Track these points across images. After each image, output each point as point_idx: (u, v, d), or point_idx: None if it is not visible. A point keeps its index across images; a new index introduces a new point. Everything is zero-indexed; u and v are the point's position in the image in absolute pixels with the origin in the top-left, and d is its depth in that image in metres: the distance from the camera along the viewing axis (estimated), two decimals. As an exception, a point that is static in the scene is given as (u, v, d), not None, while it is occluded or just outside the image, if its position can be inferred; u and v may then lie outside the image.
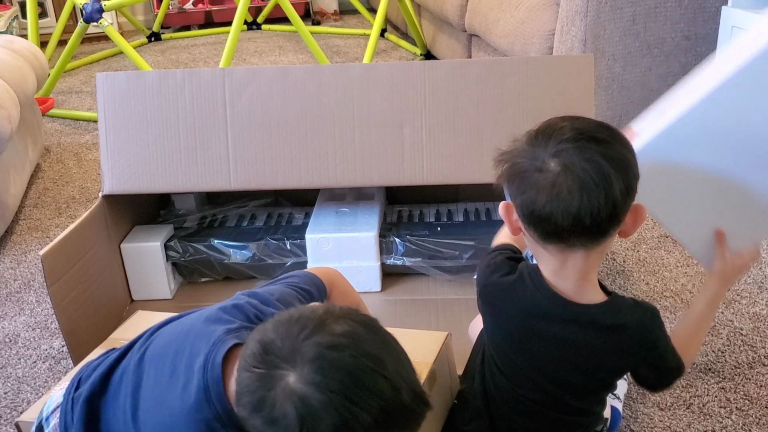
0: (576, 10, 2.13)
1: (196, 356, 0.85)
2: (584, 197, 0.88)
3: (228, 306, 0.92)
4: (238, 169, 1.55)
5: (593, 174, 0.88)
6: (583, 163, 0.89)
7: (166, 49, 4.17)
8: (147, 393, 0.89)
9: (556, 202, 0.89)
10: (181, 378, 0.85)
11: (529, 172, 0.92)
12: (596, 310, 0.99)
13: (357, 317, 0.74)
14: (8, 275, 1.86)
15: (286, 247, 1.66)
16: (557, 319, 0.99)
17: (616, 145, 0.92)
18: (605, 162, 0.89)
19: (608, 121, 2.43)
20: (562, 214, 0.89)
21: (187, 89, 1.54)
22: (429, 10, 3.48)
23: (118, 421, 0.92)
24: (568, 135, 0.91)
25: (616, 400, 1.28)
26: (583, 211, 0.89)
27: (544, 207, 0.90)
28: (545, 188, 0.90)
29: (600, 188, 0.88)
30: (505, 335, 1.05)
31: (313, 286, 1.06)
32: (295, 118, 1.54)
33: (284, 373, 0.69)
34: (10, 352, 1.56)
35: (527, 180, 0.92)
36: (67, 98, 3.30)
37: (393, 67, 1.53)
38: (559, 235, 0.93)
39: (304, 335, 0.70)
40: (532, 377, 1.05)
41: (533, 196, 0.91)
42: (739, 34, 2.02)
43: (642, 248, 1.83)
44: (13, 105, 1.97)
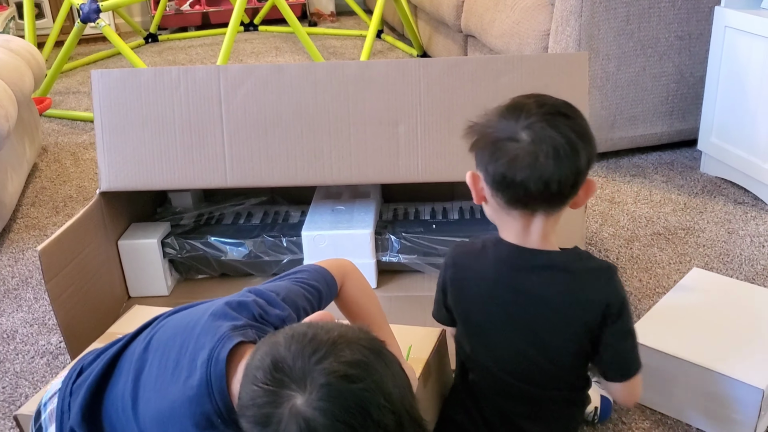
0: (570, 10, 2.14)
1: (200, 350, 0.85)
2: (557, 165, 0.98)
3: (234, 302, 0.92)
4: (234, 167, 1.56)
5: (565, 144, 0.98)
6: (554, 135, 0.98)
7: (163, 50, 4.18)
8: (149, 382, 0.90)
9: (530, 169, 0.98)
10: (184, 371, 0.86)
11: (502, 141, 1.00)
12: (561, 256, 1.07)
13: (369, 343, 0.74)
14: (6, 272, 1.87)
15: (282, 244, 1.68)
16: (524, 267, 1.05)
17: (580, 120, 1.03)
18: (573, 134, 0.99)
19: (602, 121, 2.46)
20: (535, 180, 0.98)
21: (183, 86, 1.55)
22: (425, 11, 3.49)
23: (116, 408, 0.92)
24: (536, 110, 1.00)
25: (605, 390, 1.30)
26: (554, 178, 0.98)
27: (518, 173, 0.98)
28: (521, 156, 0.98)
29: (569, 158, 0.98)
30: (477, 304, 1.10)
31: (322, 282, 1.05)
32: (290, 116, 1.55)
33: (293, 394, 0.69)
34: (8, 347, 1.57)
35: (501, 149, 1.00)
36: (64, 98, 3.31)
37: (388, 65, 1.54)
38: (525, 201, 1.02)
39: (316, 359, 0.71)
40: (507, 346, 1.08)
41: (507, 163, 0.99)
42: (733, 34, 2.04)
43: (635, 246, 1.85)
44: (10, 104, 1.98)
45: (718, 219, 1.97)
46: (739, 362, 1.23)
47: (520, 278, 1.06)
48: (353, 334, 0.75)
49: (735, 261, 1.76)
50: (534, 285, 1.05)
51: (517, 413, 1.12)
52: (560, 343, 1.07)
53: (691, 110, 2.35)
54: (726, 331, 1.32)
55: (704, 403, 1.25)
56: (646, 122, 2.33)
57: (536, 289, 1.05)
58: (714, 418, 1.25)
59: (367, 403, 0.69)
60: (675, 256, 1.79)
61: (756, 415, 1.19)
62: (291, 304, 0.95)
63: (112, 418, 0.93)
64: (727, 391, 1.21)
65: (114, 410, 0.93)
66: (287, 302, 0.95)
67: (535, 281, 1.05)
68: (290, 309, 0.94)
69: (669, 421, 1.29)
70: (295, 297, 0.97)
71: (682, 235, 1.89)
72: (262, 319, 0.90)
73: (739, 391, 1.20)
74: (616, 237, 1.89)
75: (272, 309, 0.92)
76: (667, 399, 1.29)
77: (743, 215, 1.98)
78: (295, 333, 0.75)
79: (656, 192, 2.14)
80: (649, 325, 1.34)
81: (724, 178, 2.18)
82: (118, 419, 0.92)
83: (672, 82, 2.30)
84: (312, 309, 0.99)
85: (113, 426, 0.93)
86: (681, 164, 2.32)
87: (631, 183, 2.20)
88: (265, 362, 0.73)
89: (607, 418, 1.28)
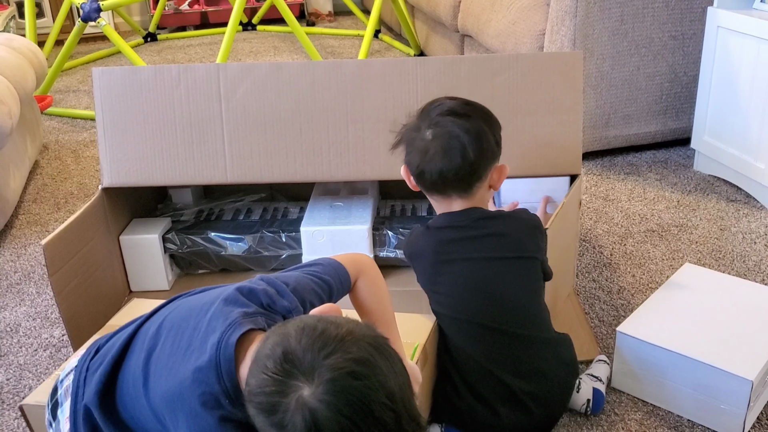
0: (566, 10, 2.17)
1: (212, 333, 0.88)
2: (445, 159, 1.19)
3: (245, 288, 0.95)
4: (234, 163, 1.58)
5: (451, 141, 1.19)
6: (446, 132, 1.19)
7: (162, 49, 4.20)
8: (161, 360, 0.93)
9: (426, 163, 1.21)
10: (195, 351, 0.89)
11: (412, 138, 1.24)
12: (493, 210, 1.34)
13: (374, 341, 0.78)
14: (8, 267, 1.89)
15: (281, 239, 1.70)
16: (467, 223, 1.25)
17: (475, 119, 1.22)
18: (462, 132, 1.19)
19: (597, 119, 2.48)
20: (431, 172, 1.21)
21: (183, 84, 1.57)
22: (422, 11, 3.52)
23: (128, 385, 0.95)
24: (440, 110, 1.22)
25: (598, 382, 1.32)
26: (446, 169, 1.20)
27: (418, 166, 1.22)
28: (420, 151, 1.22)
29: (456, 152, 1.19)
30: (434, 266, 1.26)
31: (335, 276, 1.07)
32: (289, 114, 1.57)
33: (300, 385, 0.73)
34: (12, 340, 1.60)
35: (410, 145, 1.24)
36: (65, 97, 3.33)
37: (385, 63, 1.57)
38: (436, 188, 1.25)
39: (324, 354, 0.74)
40: (469, 291, 1.23)
41: (412, 158, 1.23)
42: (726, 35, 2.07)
43: (629, 242, 1.88)
44: (13, 101, 2.01)
45: (711, 216, 2.00)
46: (729, 354, 1.26)
47: (463, 232, 1.25)
48: (360, 331, 0.78)
49: (727, 257, 1.79)
50: (479, 232, 1.24)
51: (495, 362, 1.21)
52: (514, 271, 1.25)
53: (685, 109, 2.38)
54: (717, 325, 1.35)
55: (695, 394, 1.28)
56: (641, 121, 2.37)
57: (482, 232, 1.24)
58: (704, 409, 1.27)
59: (369, 400, 0.73)
60: (668, 253, 1.82)
61: (745, 406, 1.22)
62: (299, 296, 0.98)
63: (124, 396, 0.96)
64: (717, 383, 1.24)
65: (126, 388, 0.96)
66: (295, 294, 0.97)
67: (479, 229, 1.24)
68: (297, 301, 0.96)
69: (660, 412, 1.32)
70: (303, 290, 1.00)
71: (675, 231, 1.92)
72: (269, 308, 0.93)
73: (729, 382, 1.23)
74: (610, 234, 1.92)
75: (280, 299, 0.95)
76: (659, 391, 1.32)
77: (735, 212, 2.01)
78: (306, 326, 0.78)
79: (650, 190, 2.17)
80: (642, 319, 1.37)
81: (717, 176, 2.21)
82: (129, 396, 0.95)
83: (666, 82, 2.33)
84: (320, 302, 1.01)
85: (124, 403, 0.96)
86: (674, 162, 2.35)
87: (625, 181, 2.23)
88: (276, 352, 0.76)
89: (599, 410, 1.31)
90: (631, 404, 1.34)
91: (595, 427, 1.29)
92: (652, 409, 1.33)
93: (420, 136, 1.22)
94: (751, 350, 1.27)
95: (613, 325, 1.53)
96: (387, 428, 0.74)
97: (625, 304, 1.62)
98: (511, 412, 1.20)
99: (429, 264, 1.27)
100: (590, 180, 2.24)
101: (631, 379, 1.35)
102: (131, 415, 0.95)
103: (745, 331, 1.33)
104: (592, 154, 2.39)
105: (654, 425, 1.29)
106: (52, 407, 1.04)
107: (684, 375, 1.28)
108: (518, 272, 1.25)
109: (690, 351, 1.27)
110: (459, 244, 1.25)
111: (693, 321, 1.36)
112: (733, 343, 1.29)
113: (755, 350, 1.27)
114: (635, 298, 1.64)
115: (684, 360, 1.27)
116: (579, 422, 1.30)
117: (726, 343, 1.30)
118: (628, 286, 1.69)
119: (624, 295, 1.65)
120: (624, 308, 1.60)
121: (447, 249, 1.25)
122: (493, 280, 1.23)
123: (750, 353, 1.26)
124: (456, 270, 1.24)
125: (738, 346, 1.28)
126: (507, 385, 1.20)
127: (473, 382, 1.21)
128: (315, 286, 1.02)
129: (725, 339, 1.30)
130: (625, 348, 1.34)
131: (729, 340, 1.30)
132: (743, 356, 1.25)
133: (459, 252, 1.24)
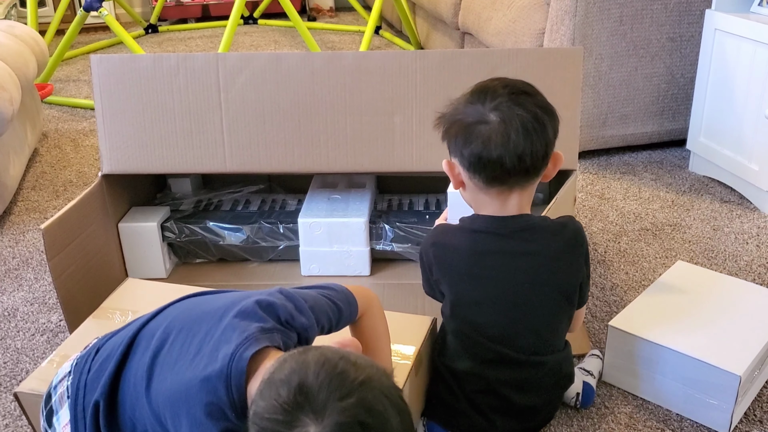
0: (565, 10, 2.19)
1: (225, 343, 0.87)
2: (528, 140, 1.07)
3: (264, 302, 0.93)
4: (233, 153, 1.60)
5: (532, 120, 1.07)
6: (521, 112, 1.07)
7: (163, 41, 4.21)
8: (168, 362, 0.92)
9: (504, 147, 1.07)
10: (205, 358, 0.88)
11: (473, 125, 1.09)
12: (537, 218, 1.17)
13: (389, 392, 0.76)
14: (7, 253, 1.90)
15: (279, 230, 1.72)
16: (506, 232, 1.15)
17: (541, 97, 1.11)
18: (539, 110, 1.08)
19: (594, 119, 2.50)
20: (510, 156, 1.07)
21: (182, 74, 1.57)
22: (423, 8, 3.53)
23: (129, 384, 0.94)
24: (501, 91, 1.09)
25: (589, 376, 1.34)
26: (527, 152, 1.07)
27: (493, 152, 1.07)
28: (493, 135, 1.07)
29: (538, 132, 1.08)
30: (461, 275, 1.16)
31: (346, 305, 1.05)
32: (288, 105, 1.58)
33: (308, 422, 0.71)
34: (9, 324, 1.61)
35: (473, 132, 1.08)
36: (65, 86, 3.34)
37: (385, 56, 1.58)
38: (502, 178, 1.10)
39: (339, 395, 0.72)
40: (492, 311, 1.16)
41: (482, 144, 1.08)
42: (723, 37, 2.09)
43: (623, 240, 1.90)
44: (15, 88, 2.02)
45: (705, 216, 2.02)
46: (719, 350, 1.28)
47: (501, 243, 1.15)
48: (378, 379, 0.76)
49: (719, 256, 1.81)
50: (518, 245, 1.14)
51: (501, 382, 1.17)
52: (542, 300, 1.15)
53: (681, 110, 2.39)
54: (707, 321, 1.36)
55: (684, 389, 1.29)
56: (637, 121, 2.38)
57: (520, 248, 1.14)
58: (693, 403, 1.29)
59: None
60: (661, 251, 1.84)
61: (733, 401, 1.24)
62: (315, 315, 0.97)
63: (125, 396, 0.95)
64: (706, 378, 1.26)
65: (127, 387, 0.95)
66: (314, 312, 0.97)
67: (519, 242, 1.14)
68: (314, 319, 0.96)
69: (650, 406, 1.34)
70: (319, 310, 0.99)
71: (669, 231, 1.94)
72: (287, 324, 0.92)
73: (717, 377, 1.24)
74: (605, 231, 1.94)
75: (299, 316, 0.94)
76: (649, 385, 1.34)
77: (729, 213, 2.03)
78: (326, 361, 0.76)
79: (645, 189, 2.18)
80: (634, 314, 1.39)
81: (712, 177, 2.23)
82: (130, 396, 0.94)
83: (663, 83, 2.34)
84: (330, 326, 1.01)
85: (124, 403, 0.95)
86: (670, 163, 2.37)
87: (621, 180, 2.25)
88: (292, 381, 0.74)
89: (589, 404, 1.32)
90: (621, 398, 1.36)
91: (585, 419, 1.30)
92: (642, 402, 1.35)
93: (481, 121, 1.08)
94: (739, 346, 1.29)
95: (605, 320, 1.54)
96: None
97: (618, 300, 1.64)
98: (508, 421, 1.20)
99: (456, 271, 1.17)
100: (586, 178, 2.26)
101: (622, 374, 1.37)
102: (131, 415, 0.94)
103: (735, 327, 1.35)
104: (588, 153, 2.41)
105: (643, 419, 1.31)
106: (47, 415, 1.03)
107: (673, 369, 1.30)
108: (549, 303, 1.17)
109: (680, 346, 1.29)
110: (494, 258, 1.15)
111: (684, 317, 1.38)
112: (723, 339, 1.31)
113: (744, 346, 1.29)
114: (628, 295, 1.65)
115: (674, 354, 1.29)
116: (570, 415, 1.32)
117: (715, 338, 1.31)
118: (621, 282, 1.71)
119: (617, 292, 1.67)
120: (617, 304, 1.62)
121: (481, 261, 1.15)
122: (522, 308, 1.16)
123: (739, 349, 1.28)
124: (485, 288, 1.16)
125: (727, 341, 1.30)
126: (510, 401, 1.18)
127: (473, 395, 1.19)
128: (329, 310, 1.01)
129: (715, 335, 1.32)
130: (617, 342, 1.36)
131: (718, 335, 1.32)
132: (732, 352, 1.27)
133: (492, 268, 1.15)
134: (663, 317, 1.38)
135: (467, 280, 1.16)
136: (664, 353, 1.30)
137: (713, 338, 1.31)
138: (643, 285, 1.69)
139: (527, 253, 1.14)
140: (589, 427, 1.29)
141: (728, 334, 1.32)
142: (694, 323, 1.36)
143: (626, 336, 1.34)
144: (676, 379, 1.30)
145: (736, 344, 1.30)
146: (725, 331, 1.33)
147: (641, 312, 1.40)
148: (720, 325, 1.35)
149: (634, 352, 1.34)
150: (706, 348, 1.28)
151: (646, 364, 1.33)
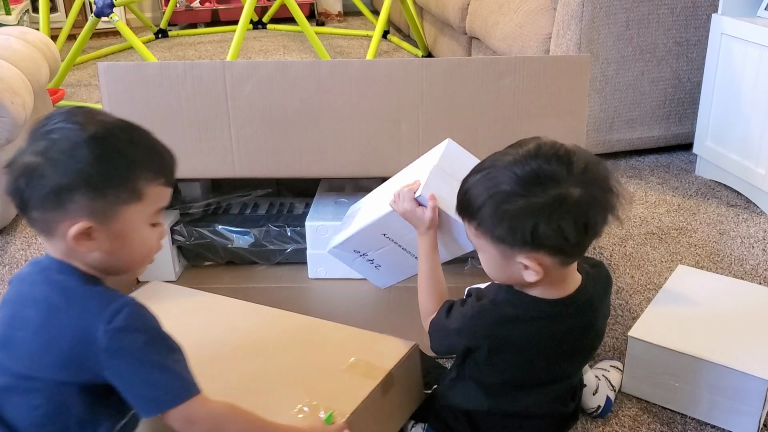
0: (572, 14, 2.20)
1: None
2: (608, 209, 1.00)
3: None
4: (241, 158, 1.61)
5: (608, 191, 1.00)
6: (599, 178, 0.99)
7: (173, 46, 4.24)
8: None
9: (588, 227, 0.98)
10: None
11: (555, 205, 0.95)
12: (581, 289, 1.09)
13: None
14: (19, 256, 1.93)
15: (286, 234, 1.74)
16: (570, 312, 1.08)
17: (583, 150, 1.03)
18: (610, 173, 1.01)
19: (600, 123, 2.49)
20: (590, 235, 1.00)
21: (188, 81, 1.58)
22: (431, 13, 3.55)
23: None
24: (576, 160, 0.98)
25: (611, 391, 1.35)
26: (602, 224, 1.00)
27: (576, 236, 0.96)
28: (574, 216, 0.95)
29: (612, 197, 1.01)
30: (527, 363, 1.11)
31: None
32: (295, 112, 1.60)
33: None
34: (22, 327, 1.63)
35: (556, 213, 0.95)
36: (76, 90, 3.38)
37: (391, 63, 1.59)
38: (577, 255, 1.04)
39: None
40: (562, 382, 1.17)
41: (567, 232, 0.95)
42: (729, 41, 2.09)
43: (629, 244, 1.91)
44: (27, 93, 2.05)
45: (711, 220, 2.02)
46: (742, 355, 1.26)
47: (561, 326, 1.09)
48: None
49: (725, 260, 1.82)
50: (575, 323, 1.10)
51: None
52: (589, 345, 1.18)
53: (688, 114, 2.40)
54: (723, 326, 1.35)
55: (709, 396, 1.28)
56: (644, 125, 2.39)
57: (577, 325, 1.10)
58: (719, 410, 1.28)
59: None
60: (667, 255, 1.85)
61: (761, 406, 1.23)
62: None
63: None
64: (732, 384, 1.24)
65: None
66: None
67: (576, 321, 1.10)
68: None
69: (654, 409, 1.34)
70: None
71: (675, 234, 1.95)
72: None
73: (744, 382, 1.23)
74: (611, 235, 1.95)
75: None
76: (671, 393, 1.32)
77: (735, 217, 2.04)
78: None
79: (651, 193, 2.19)
80: (649, 323, 1.37)
81: (719, 181, 2.23)
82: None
83: (669, 87, 2.35)
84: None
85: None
86: (677, 167, 2.38)
87: (628, 184, 2.26)
88: None
89: (605, 416, 1.33)
90: (626, 401, 1.37)
91: (589, 421, 1.31)
92: (646, 405, 1.35)
93: (566, 199, 0.95)
94: (761, 350, 1.28)
95: (611, 324, 1.55)
96: None
97: (623, 304, 1.65)
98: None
99: (527, 358, 1.10)
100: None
101: (642, 384, 1.36)
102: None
103: (752, 331, 1.34)
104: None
105: (647, 421, 1.32)
106: None
107: (698, 377, 1.28)
108: (593, 347, 1.19)
109: (704, 353, 1.27)
110: (567, 338, 1.10)
111: (701, 323, 1.36)
112: (744, 344, 1.30)
113: (766, 350, 1.28)
114: (633, 299, 1.66)
115: (698, 362, 1.27)
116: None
117: (736, 343, 1.30)
118: (626, 286, 1.72)
119: (622, 295, 1.68)
120: (622, 308, 1.63)
121: (559, 348, 1.11)
122: (565, 372, 1.16)
123: (761, 353, 1.27)
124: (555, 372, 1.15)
125: (749, 346, 1.29)
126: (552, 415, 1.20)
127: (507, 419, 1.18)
128: None
129: (735, 340, 1.31)
130: (637, 352, 1.34)
131: (739, 340, 1.31)
132: (756, 356, 1.26)
133: (565, 346, 1.11)
134: (681, 325, 1.36)
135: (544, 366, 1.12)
136: (687, 361, 1.28)
137: (734, 343, 1.30)
138: (648, 289, 1.70)
139: (588, 324, 1.13)
140: (593, 429, 1.30)
141: (748, 339, 1.31)
142: (713, 329, 1.34)
143: (648, 346, 1.32)
144: (700, 386, 1.29)
145: (758, 348, 1.28)
146: (744, 336, 1.32)
147: (657, 321, 1.38)
148: (738, 329, 1.34)
149: (655, 361, 1.32)
150: (729, 353, 1.27)
151: (669, 373, 1.31)
